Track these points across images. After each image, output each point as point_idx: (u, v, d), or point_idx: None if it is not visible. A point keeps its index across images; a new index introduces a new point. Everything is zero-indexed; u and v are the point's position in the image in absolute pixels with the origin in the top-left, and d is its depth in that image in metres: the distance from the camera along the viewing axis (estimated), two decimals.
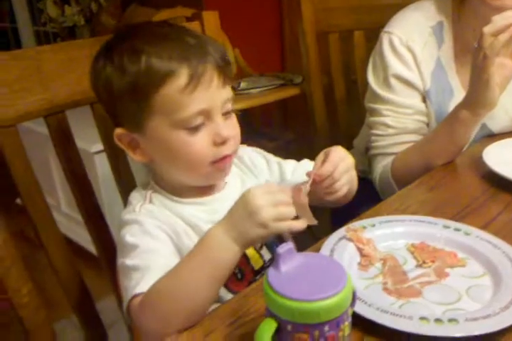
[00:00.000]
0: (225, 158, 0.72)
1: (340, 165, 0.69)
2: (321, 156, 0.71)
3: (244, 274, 0.76)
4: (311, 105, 1.47)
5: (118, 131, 0.72)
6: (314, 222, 0.65)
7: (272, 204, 0.59)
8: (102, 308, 0.94)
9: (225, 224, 0.61)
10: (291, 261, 0.52)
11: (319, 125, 1.47)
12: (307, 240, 0.78)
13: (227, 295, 0.73)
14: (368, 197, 0.90)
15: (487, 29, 0.84)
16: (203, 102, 0.68)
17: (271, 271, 0.51)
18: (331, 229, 0.75)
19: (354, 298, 0.51)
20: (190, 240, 0.72)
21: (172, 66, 0.66)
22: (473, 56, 0.88)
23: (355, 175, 0.78)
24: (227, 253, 0.61)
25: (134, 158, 0.74)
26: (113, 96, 0.71)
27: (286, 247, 0.52)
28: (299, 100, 2.01)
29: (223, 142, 0.70)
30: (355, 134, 1.39)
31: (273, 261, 0.53)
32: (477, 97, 0.90)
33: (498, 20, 0.84)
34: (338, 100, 1.48)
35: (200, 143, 0.69)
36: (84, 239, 1.85)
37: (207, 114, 0.69)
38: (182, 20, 1.78)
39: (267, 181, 0.86)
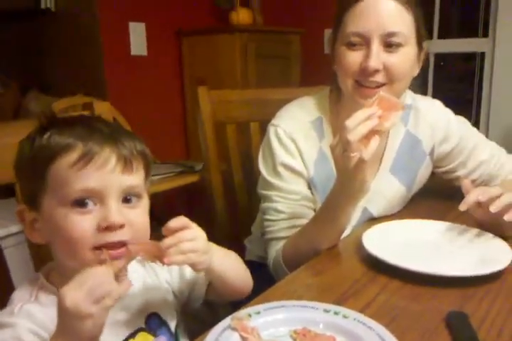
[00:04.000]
0: (111, 246, 0.67)
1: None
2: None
3: None
4: (210, 191, 1.50)
5: (20, 207, 0.71)
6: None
7: (84, 293, 0.57)
8: None
9: (57, 337, 0.59)
10: None
11: (219, 211, 1.50)
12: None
13: None
14: (266, 283, 0.90)
15: (353, 137, 0.86)
16: (91, 181, 0.67)
17: None
18: None
19: None
20: None
21: (68, 142, 0.68)
22: (341, 161, 0.90)
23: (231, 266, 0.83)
24: None
25: (32, 240, 0.73)
26: (19, 172, 0.72)
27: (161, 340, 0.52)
28: (200, 187, 2.05)
29: (109, 228, 0.67)
30: (253, 221, 1.43)
31: None
32: (352, 194, 0.95)
33: (360, 129, 0.86)
34: (236, 186, 1.52)
35: (82, 223, 0.67)
36: None
37: (98, 196, 0.68)
38: (78, 109, 1.76)
39: (166, 281, 0.84)
